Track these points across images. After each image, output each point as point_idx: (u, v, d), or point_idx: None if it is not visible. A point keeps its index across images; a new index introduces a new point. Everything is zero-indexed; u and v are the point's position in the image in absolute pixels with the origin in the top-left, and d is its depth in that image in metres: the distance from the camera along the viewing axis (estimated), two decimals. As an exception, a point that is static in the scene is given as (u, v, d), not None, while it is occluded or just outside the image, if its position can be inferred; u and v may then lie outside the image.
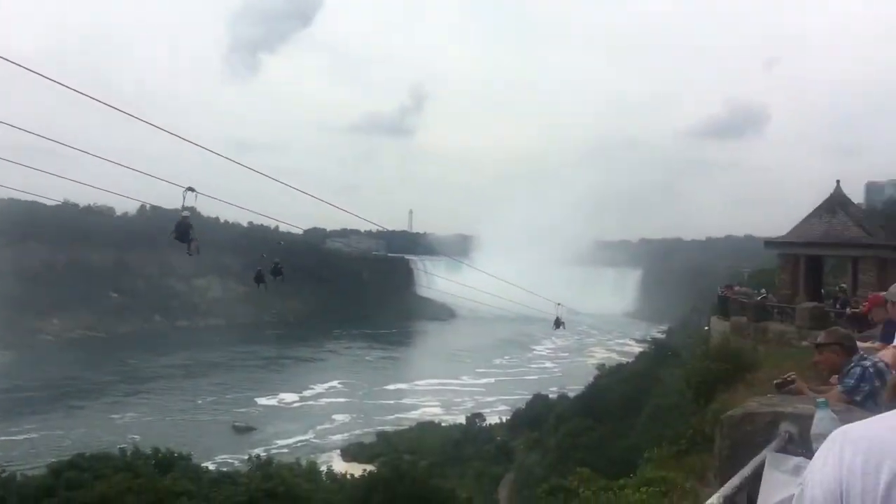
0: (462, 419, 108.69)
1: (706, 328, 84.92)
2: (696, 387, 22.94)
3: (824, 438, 2.42)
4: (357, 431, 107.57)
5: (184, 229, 25.87)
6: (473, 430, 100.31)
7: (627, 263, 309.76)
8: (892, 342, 10.00)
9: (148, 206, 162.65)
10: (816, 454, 2.55)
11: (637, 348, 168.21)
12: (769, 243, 43.96)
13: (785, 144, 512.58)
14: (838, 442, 2.48)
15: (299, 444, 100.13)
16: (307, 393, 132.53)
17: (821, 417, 5.11)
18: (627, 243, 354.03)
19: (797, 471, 4.75)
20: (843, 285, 40.83)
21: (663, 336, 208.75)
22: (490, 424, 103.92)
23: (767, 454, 5.17)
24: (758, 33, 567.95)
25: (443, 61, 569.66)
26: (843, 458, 2.40)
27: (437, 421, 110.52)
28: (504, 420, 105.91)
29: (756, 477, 4.97)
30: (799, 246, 39.61)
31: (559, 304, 52.80)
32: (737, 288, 45.12)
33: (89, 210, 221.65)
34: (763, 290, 41.23)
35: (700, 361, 24.01)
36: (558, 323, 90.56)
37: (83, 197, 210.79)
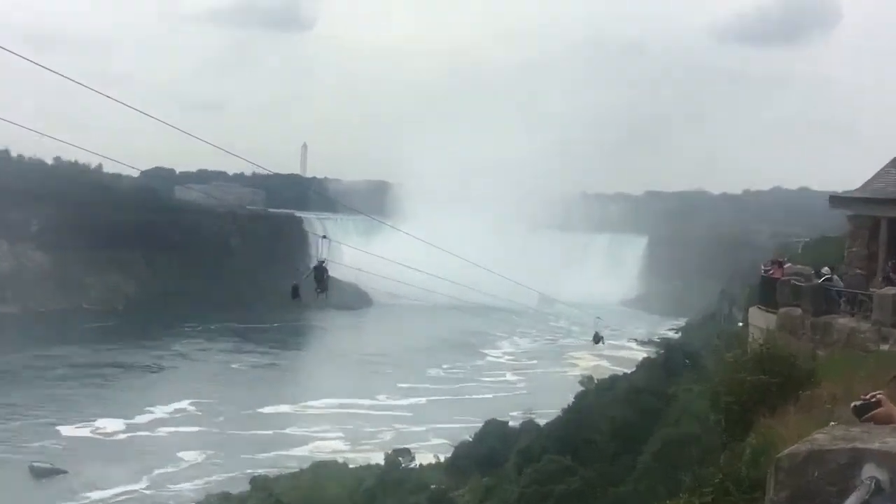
0: (378, 457, 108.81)
1: (741, 324, 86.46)
2: (728, 410, 23.13)
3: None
4: (216, 477, 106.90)
5: None
6: (395, 473, 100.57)
7: (627, 227, 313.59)
8: None
9: None
10: None
11: (639, 353, 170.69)
12: (836, 200, 44.47)
13: (861, 54, 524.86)
14: None
15: (124, 498, 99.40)
16: (141, 419, 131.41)
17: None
18: (627, 198, 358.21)
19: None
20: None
21: (677, 335, 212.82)
22: (420, 465, 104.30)
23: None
24: None
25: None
26: None
27: (340, 460, 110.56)
28: (441, 459, 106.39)
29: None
30: (881, 205, 40.14)
31: (598, 318, 53.57)
32: (787, 265, 45.63)
33: None
34: (826, 270, 41.76)
35: (733, 372, 24.24)
36: (598, 338, 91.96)
37: None
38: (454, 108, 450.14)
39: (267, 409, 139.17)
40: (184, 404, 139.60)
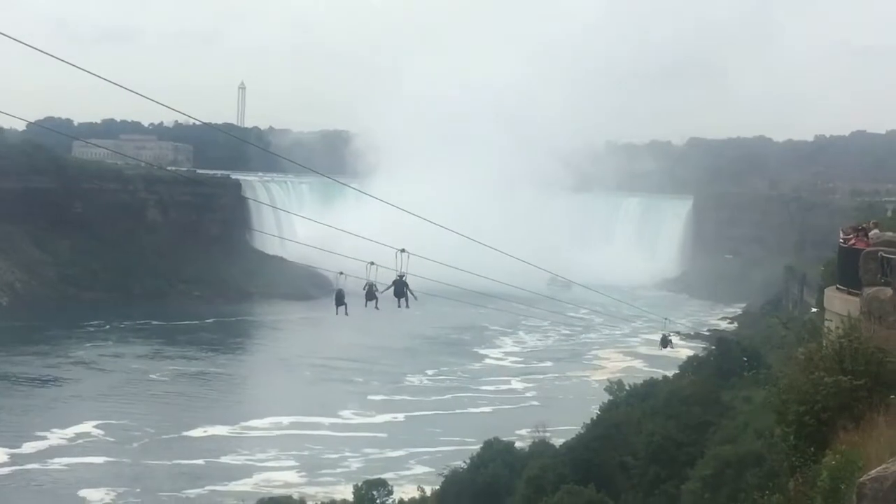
0: (344, 492, 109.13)
1: (815, 310, 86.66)
2: (799, 422, 23.23)
3: None
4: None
5: None
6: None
7: (665, 187, 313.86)
8: None
9: None
10: None
11: (684, 350, 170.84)
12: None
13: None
14: None
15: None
16: (30, 447, 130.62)
17: None
18: (665, 148, 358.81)
19: None
20: None
21: (732, 326, 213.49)
22: (400, 501, 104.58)
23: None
24: None
25: None
26: None
27: (295, 496, 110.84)
28: (427, 492, 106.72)
29: None
30: None
31: (666, 319, 54.50)
32: (874, 233, 45.80)
33: None
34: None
35: (805, 374, 24.34)
36: (665, 342, 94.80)
37: None
38: (435, 30, 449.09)
39: (195, 432, 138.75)
40: (87, 427, 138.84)
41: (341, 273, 58.28)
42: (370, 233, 54.28)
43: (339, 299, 60.06)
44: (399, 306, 53.00)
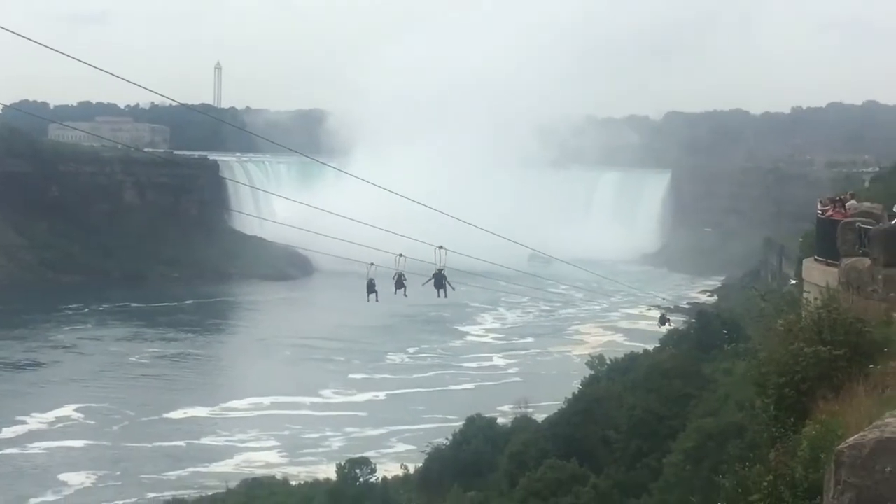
0: (326, 471, 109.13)
1: (794, 281, 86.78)
2: (779, 393, 23.26)
3: None
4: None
5: None
6: (352, 490, 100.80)
7: (644, 161, 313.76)
8: None
9: None
10: None
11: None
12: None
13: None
14: None
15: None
16: (10, 432, 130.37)
17: None
18: (643, 122, 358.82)
19: None
20: None
21: (712, 299, 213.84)
22: (384, 479, 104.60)
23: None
24: None
25: None
26: None
27: (279, 476, 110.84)
28: (411, 470, 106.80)
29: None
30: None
31: (664, 298, 55.87)
32: (851, 203, 45.95)
33: None
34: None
35: (785, 345, 24.38)
36: (664, 320, 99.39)
37: None
38: (415, 8, 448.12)
39: (176, 414, 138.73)
40: (67, 411, 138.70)
41: (372, 264, 60.59)
42: (350, 212, 54.31)
43: (371, 287, 64.81)
44: (438, 296, 60.58)
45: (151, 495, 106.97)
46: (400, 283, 62.33)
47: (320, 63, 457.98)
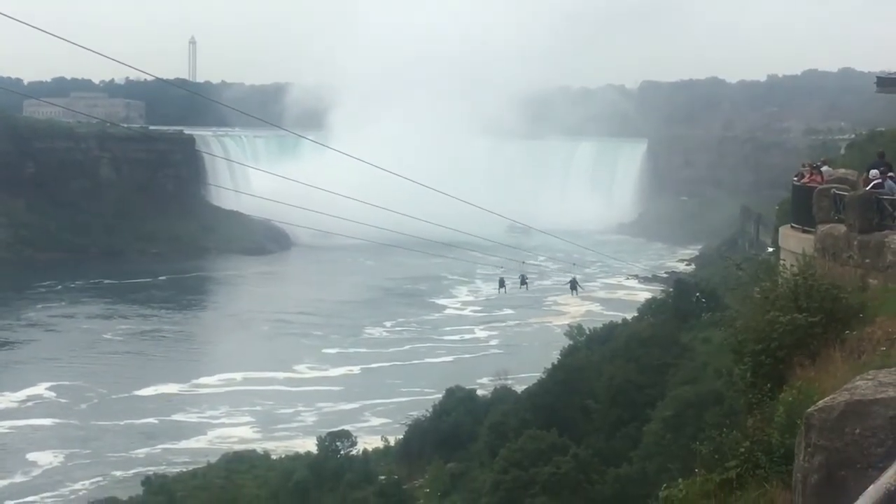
0: (300, 446, 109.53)
1: (771, 249, 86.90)
2: (756, 360, 23.33)
3: None
4: (81, 484, 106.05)
5: None
6: (332, 462, 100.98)
7: (619, 130, 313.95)
8: None
9: None
10: None
11: (642, 293, 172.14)
12: (886, 81, 44.74)
13: None
14: None
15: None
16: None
17: None
18: (618, 92, 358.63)
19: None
20: None
21: (689, 268, 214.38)
22: (364, 451, 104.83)
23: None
24: None
25: None
26: None
27: (259, 451, 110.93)
28: (390, 443, 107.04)
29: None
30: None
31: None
32: (826, 169, 46.09)
33: None
34: (876, 173, 42.14)
35: (761, 313, 24.46)
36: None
37: None
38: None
39: (147, 391, 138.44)
40: (39, 389, 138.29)
41: (501, 268, 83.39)
42: (327, 184, 54.20)
43: (502, 282, 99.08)
44: (573, 296, 68.50)
45: (119, 473, 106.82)
46: (523, 280, 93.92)
47: (295, 36, 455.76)
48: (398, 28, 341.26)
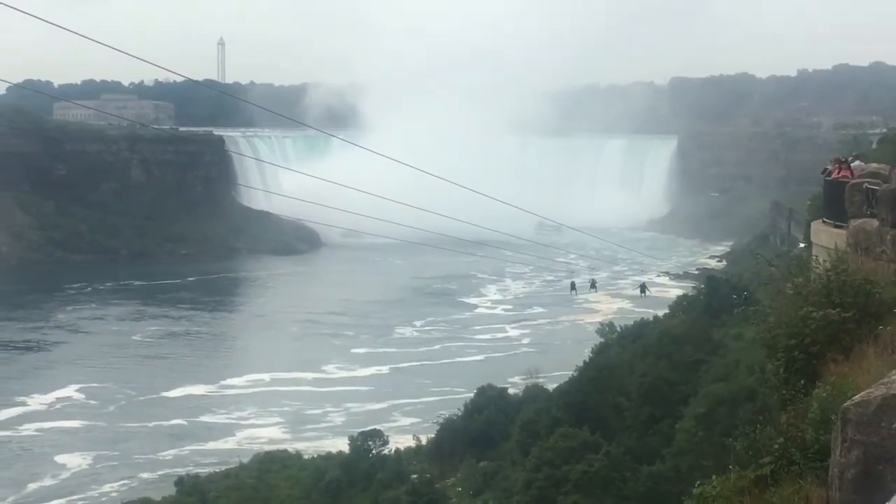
0: (331, 446, 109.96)
1: (803, 245, 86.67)
2: (789, 357, 23.28)
3: None
4: (109, 486, 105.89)
5: None
6: (364, 462, 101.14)
7: (649, 127, 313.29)
8: None
9: None
10: None
11: (674, 290, 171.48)
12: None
13: None
14: None
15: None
16: (8, 414, 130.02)
17: None
18: (648, 88, 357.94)
19: None
20: None
21: (721, 265, 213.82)
22: (396, 450, 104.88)
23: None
24: None
25: None
26: None
27: (291, 451, 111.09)
28: (422, 442, 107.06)
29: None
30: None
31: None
32: (856, 164, 45.93)
33: None
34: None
35: (794, 308, 24.40)
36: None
37: None
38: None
39: (174, 392, 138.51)
40: (69, 391, 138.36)
41: (572, 271, 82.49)
42: (356, 183, 54.28)
43: (573, 286, 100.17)
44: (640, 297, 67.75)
45: (147, 475, 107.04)
46: (593, 284, 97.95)
47: (322, 36, 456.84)
48: (425, 26, 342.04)
